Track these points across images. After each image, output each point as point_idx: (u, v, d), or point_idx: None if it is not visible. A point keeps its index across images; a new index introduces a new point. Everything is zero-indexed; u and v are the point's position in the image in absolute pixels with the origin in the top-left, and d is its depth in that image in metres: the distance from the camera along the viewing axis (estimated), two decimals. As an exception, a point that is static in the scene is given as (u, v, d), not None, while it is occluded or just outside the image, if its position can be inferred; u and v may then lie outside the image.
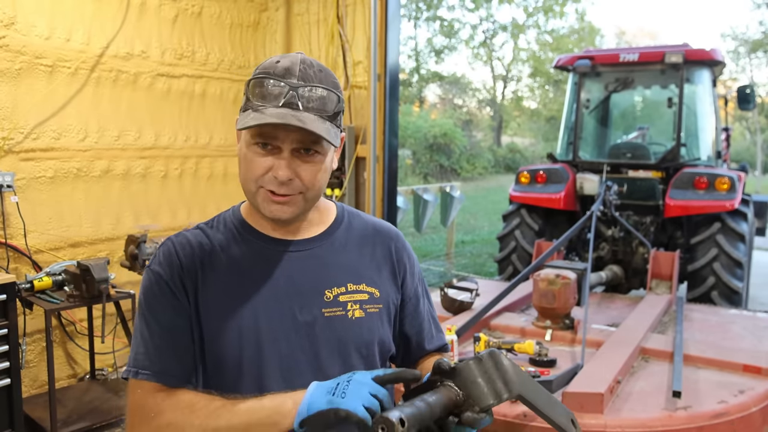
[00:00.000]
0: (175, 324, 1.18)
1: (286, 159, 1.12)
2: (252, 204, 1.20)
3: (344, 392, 0.96)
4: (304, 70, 1.11)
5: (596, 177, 5.42)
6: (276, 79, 1.10)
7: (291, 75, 1.10)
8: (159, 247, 1.26)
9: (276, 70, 1.11)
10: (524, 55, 29.30)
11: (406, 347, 1.37)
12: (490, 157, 25.21)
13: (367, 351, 1.23)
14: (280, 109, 1.08)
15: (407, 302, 1.35)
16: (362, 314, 1.23)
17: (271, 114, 1.07)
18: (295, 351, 1.18)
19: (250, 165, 1.15)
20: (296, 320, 1.18)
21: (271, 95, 1.09)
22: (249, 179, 1.16)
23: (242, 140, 1.18)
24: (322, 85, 1.12)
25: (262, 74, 1.12)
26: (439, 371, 1.01)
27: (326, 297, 1.21)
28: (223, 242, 1.24)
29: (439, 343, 1.41)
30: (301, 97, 1.09)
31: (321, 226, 1.29)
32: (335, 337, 1.20)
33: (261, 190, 1.15)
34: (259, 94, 1.10)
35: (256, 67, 1.15)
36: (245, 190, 1.19)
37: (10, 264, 3.52)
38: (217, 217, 1.32)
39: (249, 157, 1.15)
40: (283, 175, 1.11)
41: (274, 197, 1.15)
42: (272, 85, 1.09)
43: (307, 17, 5.10)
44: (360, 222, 1.35)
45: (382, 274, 1.30)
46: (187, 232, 1.27)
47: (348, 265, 1.26)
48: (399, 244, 1.36)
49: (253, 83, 1.12)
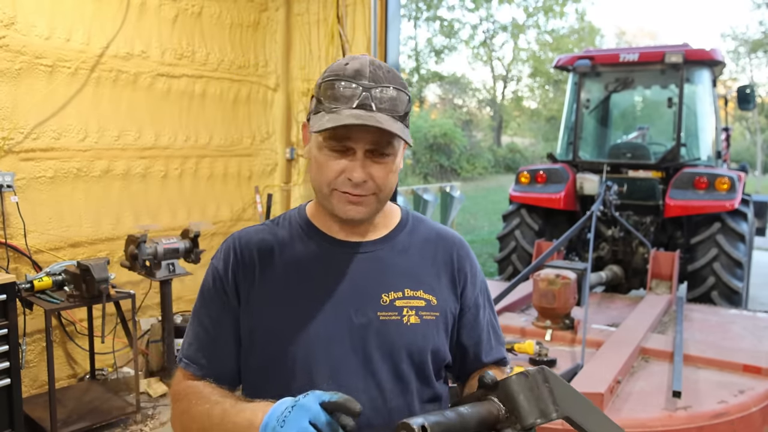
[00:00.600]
0: (221, 319, 1.22)
1: (360, 160, 1.12)
2: (324, 206, 1.20)
3: (284, 420, 0.92)
4: (374, 72, 1.12)
5: (596, 177, 5.42)
6: (347, 80, 1.10)
7: (362, 76, 1.10)
8: (224, 241, 1.29)
9: (346, 72, 1.11)
10: (524, 55, 29.30)
11: (462, 358, 1.34)
12: (490, 157, 25.20)
13: (419, 358, 1.21)
14: (354, 110, 1.08)
15: (466, 312, 1.32)
16: (418, 321, 1.21)
17: (348, 115, 1.07)
18: (347, 353, 1.17)
19: (323, 168, 1.14)
20: (351, 322, 1.18)
21: (344, 97, 1.09)
22: (322, 182, 1.16)
23: (313, 143, 1.17)
24: (393, 84, 1.12)
25: (332, 77, 1.12)
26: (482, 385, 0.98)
27: (382, 300, 1.20)
28: (286, 240, 1.26)
29: (498, 356, 1.37)
30: (374, 98, 1.10)
31: (384, 229, 1.29)
32: (388, 342, 1.18)
33: (335, 192, 1.15)
34: (332, 96, 1.10)
35: (325, 70, 1.15)
36: (317, 192, 1.19)
37: (10, 264, 3.52)
38: (284, 214, 1.33)
39: (321, 160, 1.14)
40: (358, 177, 1.12)
41: (350, 197, 1.15)
42: (344, 87, 1.10)
43: (307, 17, 5.10)
44: (424, 227, 1.34)
45: (442, 281, 1.28)
46: (252, 228, 1.30)
47: (407, 270, 1.25)
48: (462, 251, 1.33)
49: (325, 86, 1.12)
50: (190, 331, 1.26)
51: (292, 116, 5.33)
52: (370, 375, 1.17)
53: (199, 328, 1.24)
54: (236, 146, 4.98)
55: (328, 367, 1.16)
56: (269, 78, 5.19)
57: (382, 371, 1.18)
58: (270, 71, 5.18)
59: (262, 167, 5.24)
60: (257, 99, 5.12)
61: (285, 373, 1.17)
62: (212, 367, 1.21)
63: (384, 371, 1.18)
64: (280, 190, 5.32)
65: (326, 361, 1.16)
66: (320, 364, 1.16)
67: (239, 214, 5.07)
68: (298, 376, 1.16)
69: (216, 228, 4.78)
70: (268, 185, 5.29)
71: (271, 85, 5.21)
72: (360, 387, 1.15)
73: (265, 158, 5.25)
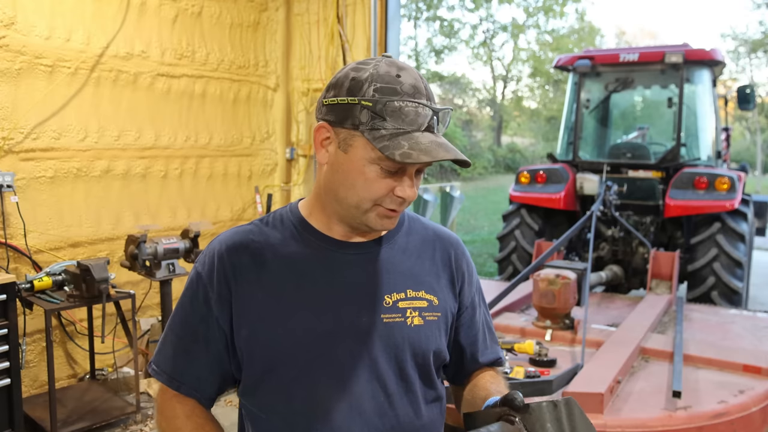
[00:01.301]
0: (200, 331, 1.18)
1: (411, 178, 1.11)
2: (353, 218, 1.14)
3: None
4: (426, 87, 1.09)
5: (596, 177, 5.42)
6: (413, 100, 1.06)
7: (421, 94, 1.07)
8: (208, 245, 1.23)
9: (404, 87, 1.06)
10: (524, 55, 29.31)
11: (459, 358, 1.34)
12: (490, 157, 25.21)
13: (423, 360, 1.20)
14: (424, 133, 1.06)
15: (464, 312, 1.31)
16: (421, 322, 1.19)
17: (429, 143, 1.05)
18: (352, 357, 1.14)
19: (371, 185, 1.09)
20: (354, 324, 1.15)
21: (415, 121, 1.06)
22: (365, 198, 1.11)
23: (357, 155, 1.08)
24: (446, 106, 1.12)
25: (391, 93, 1.05)
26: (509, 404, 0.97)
27: (385, 302, 1.17)
28: (279, 240, 1.20)
29: (493, 356, 1.37)
30: (440, 121, 1.09)
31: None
32: (392, 344, 1.16)
33: (378, 208, 1.12)
34: (396, 115, 1.05)
35: (369, 78, 1.06)
36: (352, 205, 1.12)
37: (10, 264, 3.52)
38: (272, 213, 1.27)
39: (371, 177, 1.09)
40: (413, 197, 1.11)
41: (390, 213, 1.13)
42: (414, 108, 1.05)
43: (307, 17, 5.10)
44: (420, 227, 1.32)
45: (441, 281, 1.26)
46: (239, 228, 1.24)
47: (408, 270, 1.23)
48: (459, 251, 1.32)
49: (386, 101, 1.04)
50: (165, 337, 1.22)
51: (292, 116, 5.33)
52: (376, 379, 1.15)
53: (173, 336, 1.21)
54: (236, 146, 4.98)
55: (332, 373, 1.13)
56: (269, 78, 5.19)
57: (388, 374, 1.16)
58: (270, 71, 5.18)
59: (262, 167, 5.24)
60: (257, 99, 5.12)
61: (286, 380, 1.14)
62: (184, 376, 1.19)
63: (390, 374, 1.16)
64: (280, 190, 5.32)
65: (330, 366, 1.13)
66: (324, 369, 1.13)
67: (239, 214, 5.07)
68: (300, 383, 1.13)
69: (216, 228, 4.78)
70: (268, 185, 5.29)
71: (271, 85, 5.21)
72: (367, 391, 1.14)
73: (265, 158, 5.25)
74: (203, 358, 1.19)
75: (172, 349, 1.21)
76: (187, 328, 1.19)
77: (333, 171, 1.13)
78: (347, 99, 1.07)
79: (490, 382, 1.28)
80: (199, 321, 1.18)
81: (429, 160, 1.03)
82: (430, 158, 1.03)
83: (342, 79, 1.09)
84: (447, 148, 1.06)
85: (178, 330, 1.21)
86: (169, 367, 1.20)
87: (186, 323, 1.20)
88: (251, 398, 1.18)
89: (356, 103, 1.06)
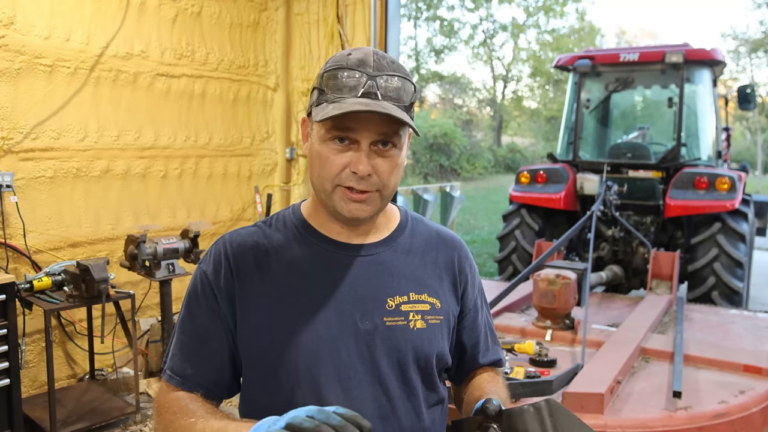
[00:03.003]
0: (208, 329, 1.16)
1: (365, 152, 1.08)
2: (326, 205, 1.15)
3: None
4: (378, 61, 1.08)
5: (596, 177, 5.41)
6: (351, 69, 1.07)
7: (365, 66, 1.07)
8: (212, 245, 1.22)
9: (349, 62, 1.08)
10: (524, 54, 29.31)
11: (460, 359, 1.33)
12: (490, 157, 25.21)
13: (425, 363, 1.19)
14: (359, 98, 1.05)
15: (466, 314, 1.30)
16: (424, 325, 1.18)
17: (353, 103, 1.04)
18: (354, 360, 1.13)
19: (325, 163, 1.09)
20: (356, 328, 1.13)
21: (348, 86, 1.06)
22: (325, 178, 1.10)
23: (314, 137, 1.12)
24: (398, 73, 1.09)
25: (334, 66, 1.08)
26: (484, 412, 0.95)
27: (388, 305, 1.16)
28: (282, 243, 1.19)
29: (494, 357, 1.36)
30: (379, 86, 1.06)
31: (386, 230, 1.25)
32: (395, 348, 1.15)
33: (338, 188, 1.11)
34: (335, 86, 1.07)
35: (327, 61, 1.12)
36: (319, 189, 1.14)
37: (10, 264, 3.52)
38: (275, 215, 1.26)
39: (324, 154, 1.09)
40: (363, 170, 1.07)
41: (353, 194, 1.10)
42: (348, 76, 1.06)
43: (307, 17, 5.10)
44: (424, 228, 1.30)
45: (444, 284, 1.25)
46: (243, 230, 1.22)
47: (411, 273, 1.21)
48: (462, 253, 1.31)
49: (327, 75, 1.08)
50: (175, 340, 1.19)
51: (292, 116, 5.33)
52: (378, 383, 1.14)
53: (184, 337, 1.18)
54: (236, 146, 4.97)
55: (335, 376, 1.12)
56: (269, 78, 5.18)
57: (390, 378, 1.15)
58: (270, 71, 5.18)
59: (261, 167, 5.23)
60: (257, 99, 5.12)
61: (288, 384, 1.12)
62: (199, 379, 1.15)
63: (392, 378, 1.15)
64: (279, 190, 5.31)
65: (333, 369, 1.12)
66: (327, 372, 1.12)
67: (239, 214, 5.06)
68: (302, 386, 1.12)
69: (216, 228, 4.78)
70: (267, 185, 5.29)
71: (270, 85, 5.20)
72: (369, 395, 1.13)
73: (264, 158, 5.25)
74: (217, 357, 1.16)
75: (184, 352, 1.17)
76: (198, 329, 1.17)
77: (309, 161, 1.16)
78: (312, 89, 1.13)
79: (487, 381, 1.28)
80: (209, 319, 1.16)
81: (338, 113, 1.02)
82: (339, 111, 1.02)
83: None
84: (369, 105, 1.02)
85: (189, 331, 1.18)
86: (183, 370, 1.16)
87: (195, 323, 1.17)
88: (252, 400, 1.18)
89: (313, 89, 1.12)
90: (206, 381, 1.16)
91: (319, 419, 0.82)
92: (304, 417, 0.82)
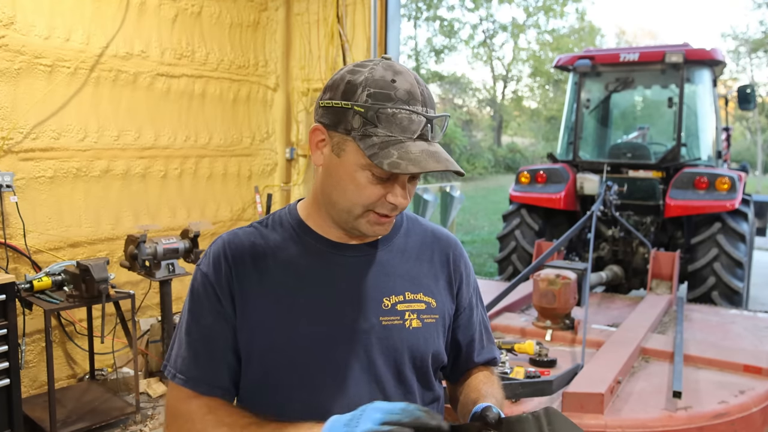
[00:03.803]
0: (215, 330, 1.15)
1: (403, 185, 1.10)
2: (344, 222, 1.15)
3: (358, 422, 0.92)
4: (423, 92, 1.07)
5: (596, 177, 5.41)
6: (406, 107, 1.04)
7: (415, 101, 1.05)
8: (210, 246, 1.22)
9: (398, 93, 1.04)
10: (524, 54, 29.33)
11: (455, 358, 1.34)
12: (490, 157, 25.23)
13: (421, 362, 1.20)
14: (416, 142, 1.04)
15: (461, 313, 1.31)
16: (419, 324, 1.19)
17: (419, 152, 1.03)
18: (351, 359, 1.13)
19: (362, 190, 1.09)
20: (353, 327, 1.14)
21: (403, 126, 1.04)
22: (356, 203, 1.10)
23: (349, 158, 1.08)
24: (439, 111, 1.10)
25: (384, 98, 1.04)
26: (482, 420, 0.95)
27: (384, 305, 1.17)
28: (279, 243, 1.19)
29: (488, 356, 1.37)
30: (433, 128, 1.07)
31: None
32: (391, 347, 1.16)
33: (370, 213, 1.11)
34: (387, 120, 1.03)
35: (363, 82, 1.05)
36: (343, 210, 1.13)
37: (10, 264, 3.52)
38: (271, 215, 1.26)
39: (362, 183, 1.08)
40: (404, 204, 1.10)
41: (383, 219, 1.12)
42: (406, 115, 1.04)
43: (307, 17, 5.10)
44: (419, 228, 1.31)
45: (439, 283, 1.26)
46: (240, 230, 1.22)
47: (406, 272, 1.22)
48: (457, 252, 1.32)
49: (378, 107, 1.03)
50: (183, 344, 1.17)
51: (292, 116, 5.33)
52: (374, 381, 1.15)
53: (191, 339, 1.16)
54: (236, 146, 4.97)
55: (331, 375, 1.13)
56: (269, 78, 5.18)
57: (386, 377, 1.16)
58: (270, 71, 5.18)
59: (261, 167, 5.23)
60: (257, 99, 5.12)
61: (287, 383, 1.13)
62: (215, 381, 1.15)
63: (388, 377, 1.16)
64: (279, 190, 5.31)
65: (330, 368, 1.13)
66: (324, 371, 1.13)
67: (239, 214, 5.07)
68: (299, 386, 1.13)
69: (216, 228, 4.78)
70: (267, 185, 5.29)
71: (270, 85, 5.20)
72: (365, 394, 1.13)
73: (264, 158, 5.25)
74: (228, 358, 1.16)
75: (194, 354, 1.16)
76: (204, 330, 1.16)
77: (327, 174, 1.13)
78: (341, 103, 1.06)
79: (483, 383, 1.28)
80: (215, 320, 1.16)
81: (417, 171, 1.02)
82: (419, 169, 1.01)
83: (338, 82, 1.09)
84: (438, 158, 1.04)
85: (195, 334, 1.17)
86: (196, 373, 1.15)
87: (201, 325, 1.16)
88: (250, 400, 1.18)
89: (349, 108, 1.05)
90: (222, 382, 1.16)
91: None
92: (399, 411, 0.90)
